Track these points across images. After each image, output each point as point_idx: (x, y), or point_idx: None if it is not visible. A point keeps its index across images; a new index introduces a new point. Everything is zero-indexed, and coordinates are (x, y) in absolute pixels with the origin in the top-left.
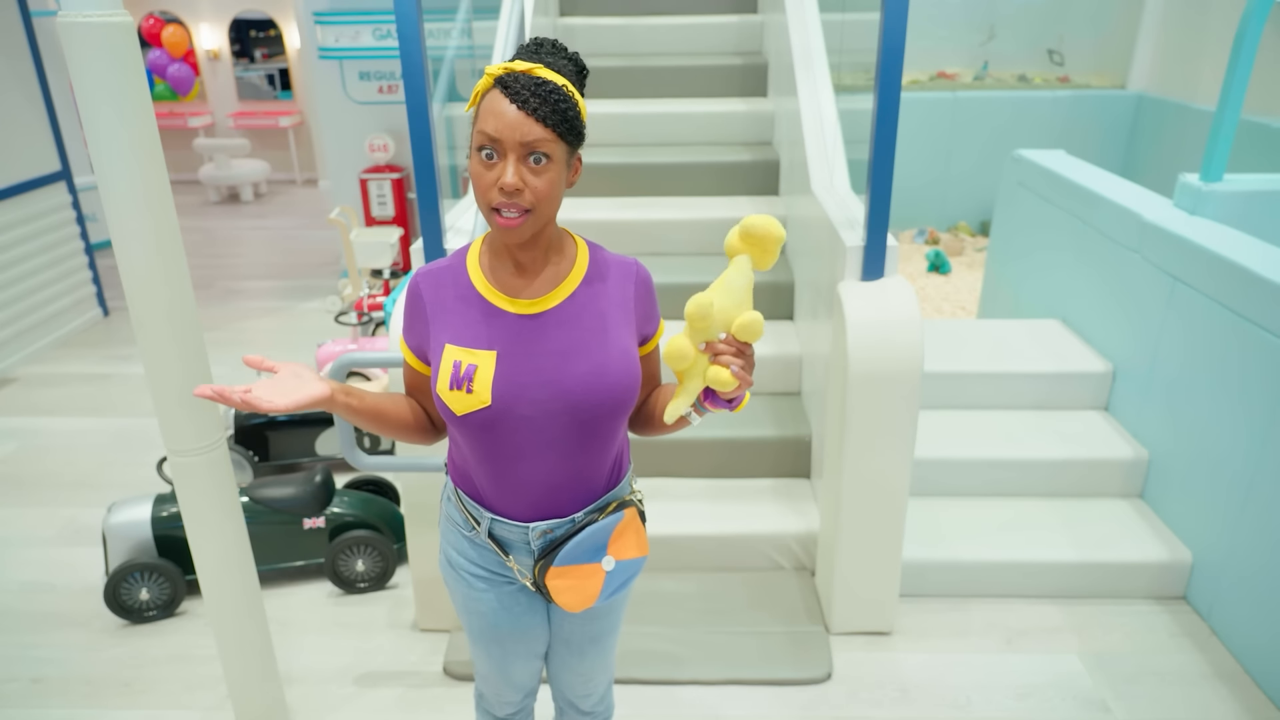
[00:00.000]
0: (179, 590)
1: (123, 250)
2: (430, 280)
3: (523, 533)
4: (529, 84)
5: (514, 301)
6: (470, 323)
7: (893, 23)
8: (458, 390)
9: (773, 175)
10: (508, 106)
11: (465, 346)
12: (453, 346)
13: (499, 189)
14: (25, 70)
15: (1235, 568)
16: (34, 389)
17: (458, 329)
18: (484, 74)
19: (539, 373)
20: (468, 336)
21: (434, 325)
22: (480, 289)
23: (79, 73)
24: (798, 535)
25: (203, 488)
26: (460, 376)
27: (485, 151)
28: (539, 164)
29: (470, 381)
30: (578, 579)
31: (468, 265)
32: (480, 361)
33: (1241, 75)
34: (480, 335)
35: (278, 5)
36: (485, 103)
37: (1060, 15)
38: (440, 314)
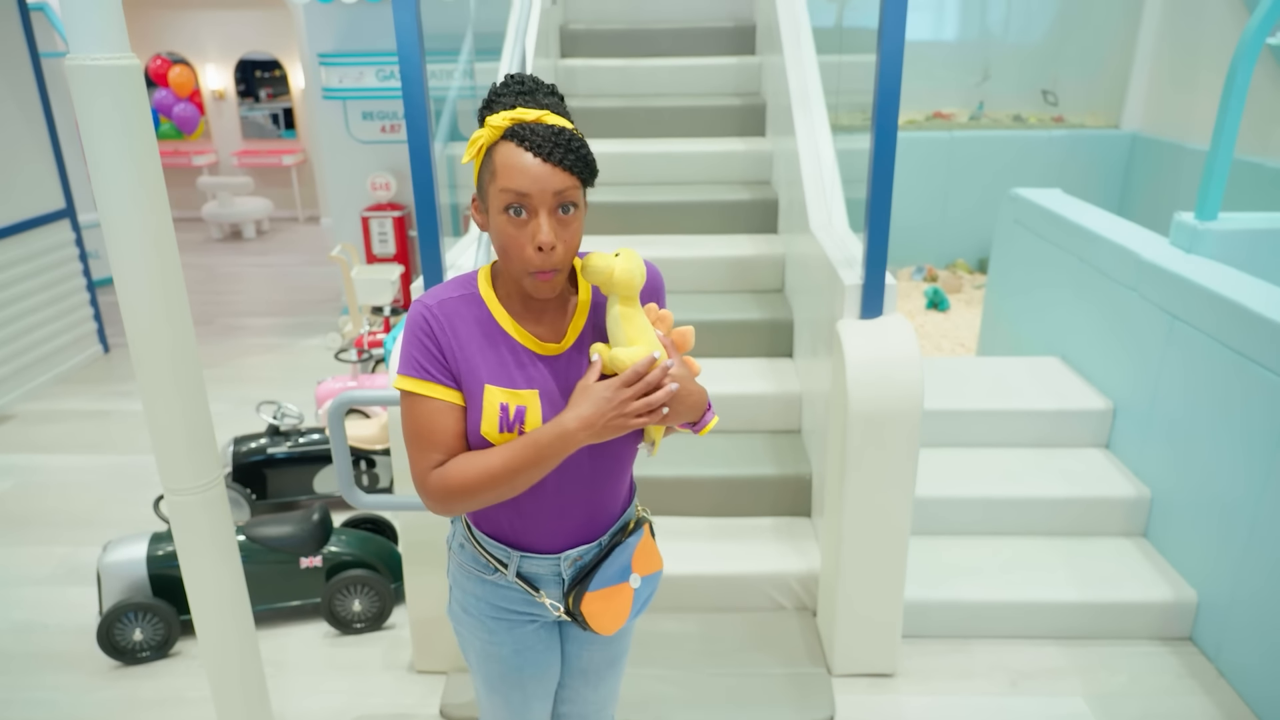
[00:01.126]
0: (173, 631)
1: (124, 289)
2: (446, 310)
3: (554, 564)
4: (547, 134)
5: (541, 344)
6: (506, 363)
7: (889, 64)
8: (509, 433)
9: (771, 214)
10: (531, 160)
11: (509, 388)
12: (495, 388)
13: (537, 248)
14: (32, 109)
15: (1242, 607)
16: (33, 426)
17: (495, 369)
18: (484, 124)
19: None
20: (509, 378)
21: (462, 360)
22: (507, 329)
23: (85, 114)
24: (799, 575)
25: (199, 527)
26: (511, 420)
27: (514, 209)
28: (568, 214)
29: (522, 424)
30: (611, 600)
31: (485, 298)
32: (527, 403)
33: (1233, 115)
34: (520, 377)
35: (283, 46)
36: (501, 157)
37: (1054, 56)
38: (467, 350)
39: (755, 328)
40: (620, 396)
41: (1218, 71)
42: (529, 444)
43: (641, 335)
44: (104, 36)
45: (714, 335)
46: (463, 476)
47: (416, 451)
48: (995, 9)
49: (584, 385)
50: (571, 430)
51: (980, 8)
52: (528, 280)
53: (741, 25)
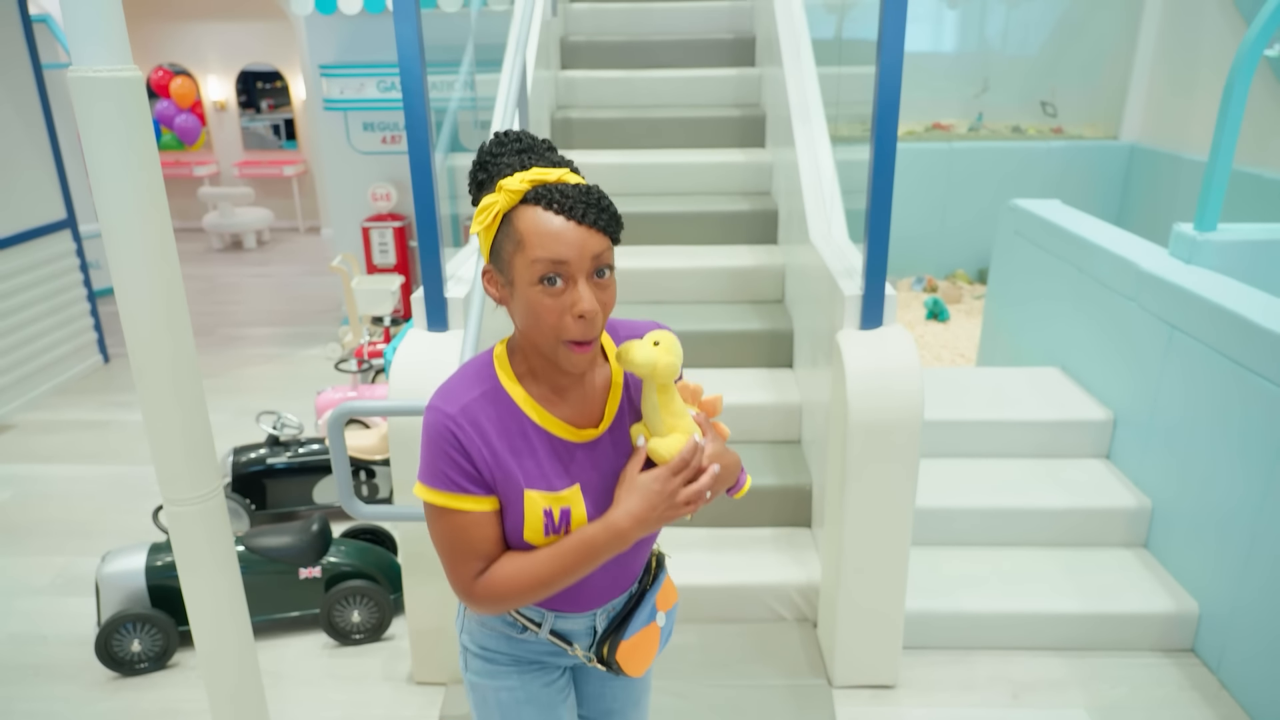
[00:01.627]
0: (171, 642)
1: (125, 299)
2: (471, 417)
3: (589, 620)
4: (577, 194)
5: (578, 431)
6: (543, 461)
7: (888, 76)
8: (555, 535)
9: (771, 224)
10: (564, 224)
11: (551, 491)
12: (536, 494)
13: (579, 317)
14: (34, 119)
15: (1244, 619)
16: (32, 436)
17: (532, 472)
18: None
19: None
20: (549, 480)
21: (496, 468)
22: (539, 420)
23: (87, 125)
24: (799, 586)
25: (198, 537)
26: (557, 524)
27: (549, 279)
28: (604, 277)
29: (568, 525)
30: (642, 643)
31: (509, 391)
32: (571, 502)
33: (1232, 126)
34: (560, 473)
35: (284, 58)
36: (527, 224)
37: (1052, 67)
38: (501, 456)
39: (755, 338)
40: (670, 488)
41: (1216, 83)
42: (581, 545)
43: (681, 420)
44: (106, 48)
45: (714, 346)
46: (512, 582)
47: (456, 563)
48: (994, 21)
49: (630, 478)
50: (625, 529)
51: (979, 20)
52: (563, 354)
53: (741, 37)
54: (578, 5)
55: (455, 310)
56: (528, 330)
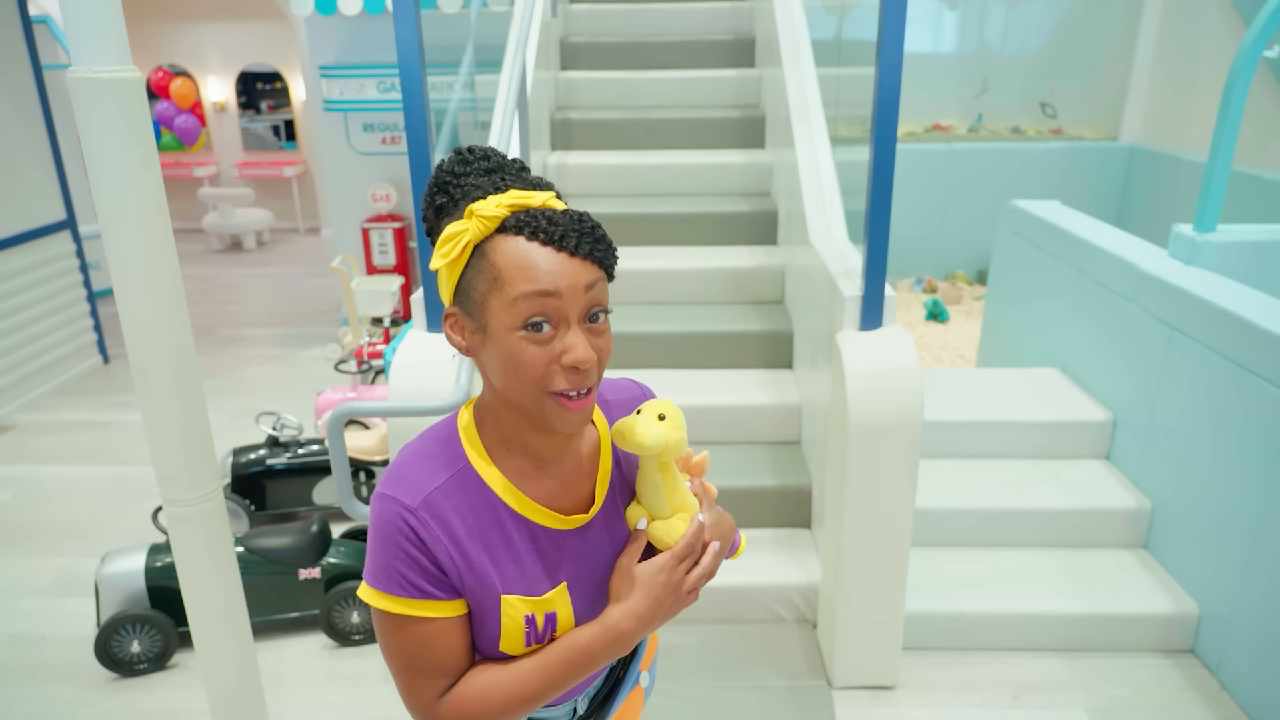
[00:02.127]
0: (171, 642)
1: (125, 300)
2: (435, 510)
3: (569, 706)
4: (567, 222)
5: (564, 518)
6: (523, 559)
7: (887, 76)
8: (539, 645)
9: (771, 225)
10: (554, 256)
11: (533, 596)
12: (516, 599)
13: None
14: (34, 120)
15: (1243, 620)
16: (32, 436)
17: (511, 573)
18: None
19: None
20: (530, 583)
21: (465, 569)
22: (518, 508)
23: (87, 126)
24: (799, 586)
25: (198, 539)
26: (540, 633)
27: (535, 324)
28: (598, 322)
29: (554, 631)
30: (626, 712)
31: (481, 473)
32: (557, 605)
33: (1231, 127)
34: (544, 575)
35: (284, 59)
36: (505, 256)
37: (1052, 68)
38: (472, 555)
39: (755, 339)
40: (675, 578)
41: (1215, 84)
42: (572, 654)
43: (683, 498)
44: (106, 49)
45: (714, 347)
46: (487, 701)
47: (415, 681)
48: (993, 22)
49: (628, 570)
50: (627, 631)
51: (978, 21)
52: (551, 410)
53: (741, 38)
54: (577, 6)
55: None
56: (506, 387)
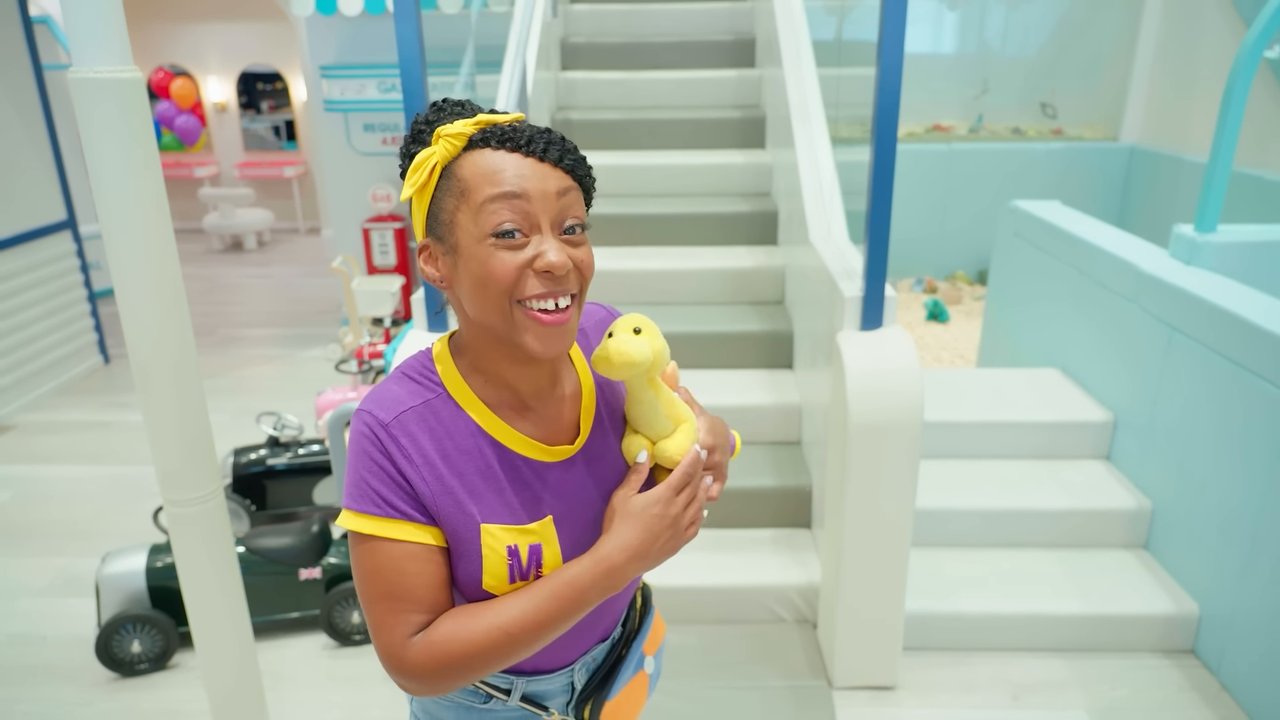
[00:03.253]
0: (171, 642)
1: (125, 300)
2: (404, 431)
3: (565, 676)
4: (534, 130)
5: (549, 450)
6: (505, 490)
7: (888, 77)
8: (523, 581)
9: (771, 226)
10: (520, 160)
11: (516, 525)
12: (497, 528)
13: (544, 272)
14: (34, 120)
15: (1244, 620)
16: (32, 436)
17: (490, 501)
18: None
19: (599, 520)
20: (513, 511)
21: (440, 494)
22: (498, 435)
23: (87, 126)
24: (799, 587)
25: (199, 539)
26: (526, 567)
27: (505, 232)
28: (574, 234)
29: (539, 567)
30: (630, 697)
31: (458, 399)
32: (542, 537)
33: (1232, 128)
34: (528, 503)
35: (285, 59)
36: (473, 167)
37: (1052, 69)
38: (445, 478)
39: (755, 339)
40: (674, 510)
41: (1216, 84)
42: (560, 590)
43: (680, 410)
44: (106, 49)
45: (714, 347)
46: (464, 643)
47: (384, 614)
48: (993, 23)
49: (624, 500)
50: (619, 564)
51: (978, 21)
52: (526, 328)
53: (741, 38)
54: (578, 7)
55: None
56: (479, 309)
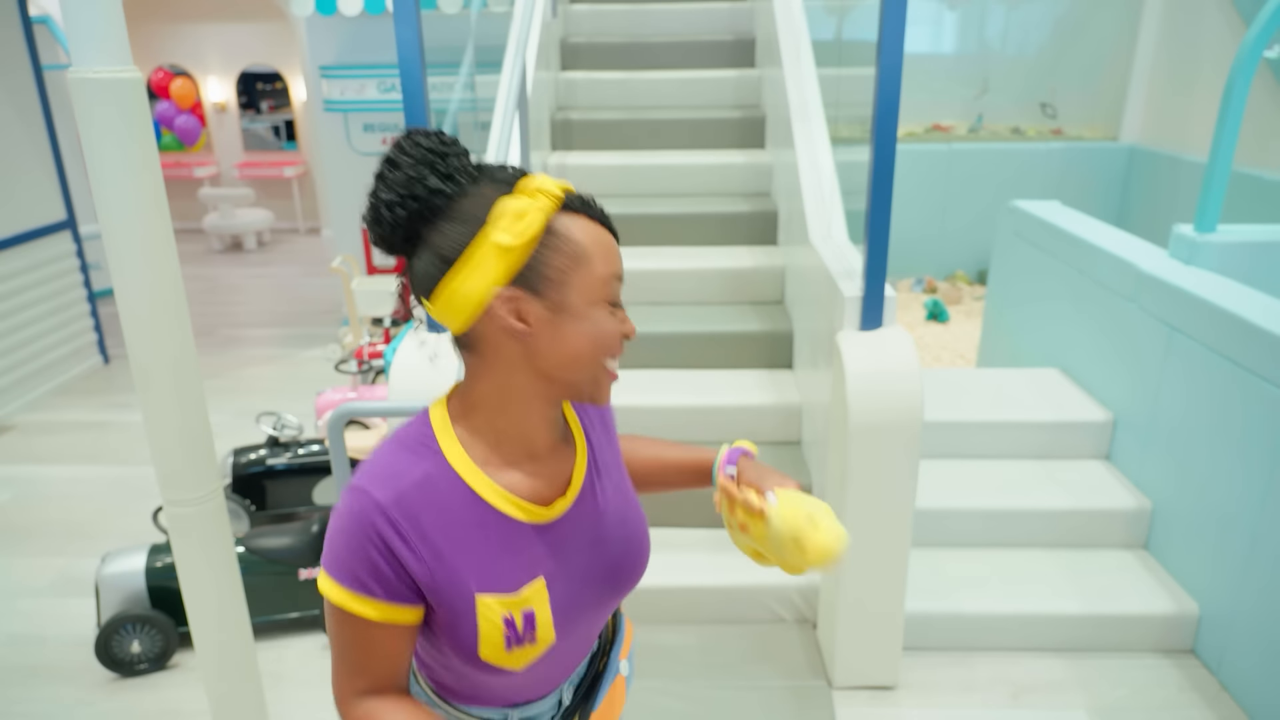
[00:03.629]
0: (171, 642)
1: (125, 300)
2: (407, 509)
3: (554, 696)
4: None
5: (538, 510)
6: (497, 555)
7: (888, 77)
8: (519, 647)
9: (771, 225)
10: (607, 236)
11: (510, 593)
12: (492, 599)
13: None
14: (34, 121)
15: (1244, 620)
16: (32, 436)
17: (485, 570)
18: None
19: (591, 575)
20: (506, 577)
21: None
22: (493, 500)
23: (87, 126)
24: (799, 587)
25: (198, 539)
26: (521, 635)
27: (617, 301)
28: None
29: (534, 631)
30: (610, 703)
31: (455, 467)
32: (534, 602)
33: (1231, 128)
34: (520, 567)
35: (285, 59)
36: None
37: (1051, 69)
38: (442, 554)
39: (755, 339)
40: None
41: (1215, 84)
42: None
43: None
44: (106, 49)
45: (714, 347)
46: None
47: (342, 669)
48: (993, 23)
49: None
50: None
51: (978, 21)
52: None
53: (741, 39)
54: (578, 7)
55: None
56: (571, 363)
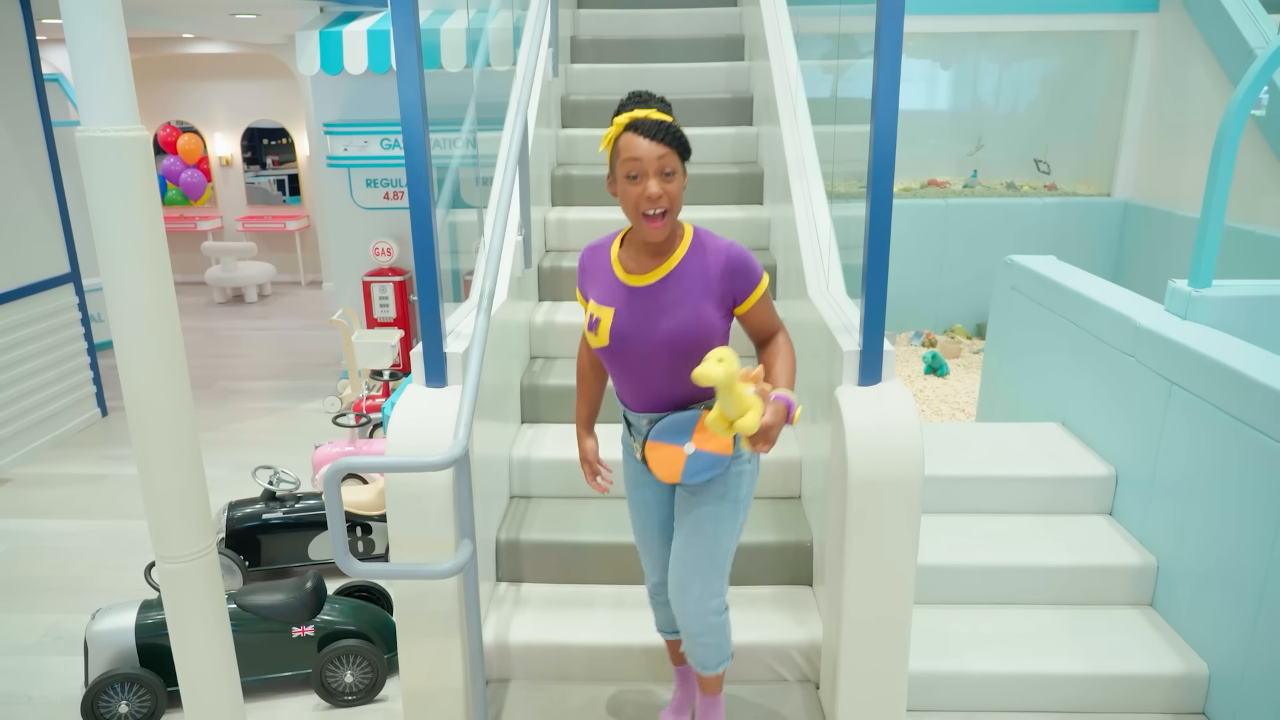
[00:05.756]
0: (160, 703)
1: (124, 357)
2: (588, 257)
3: (640, 420)
4: (652, 124)
5: (630, 277)
6: (604, 288)
7: (883, 133)
8: (591, 332)
9: (770, 280)
10: (642, 141)
11: (599, 304)
12: (593, 302)
13: (646, 199)
14: (42, 175)
15: (1254, 680)
16: (28, 489)
17: (599, 291)
18: (613, 124)
19: (637, 326)
20: (601, 297)
21: (588, 285)
22: (613, 265)
23: (93, 184)
24: (800, 645)
25: (190, 596)
26: (593, 323)
27: (632, 175)
28: (669, 176)
29: (597, 327)
30: (665, 454)
31: (611, 248)
32: (604, 316)
33: (1222, 185)
34: (608, 297)
35: (290, 115)
36: (623, 142)
37: (1044, 126)
38: (590, 278)
39: None
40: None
41: (1205, 141)
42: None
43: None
44: (114, 108)
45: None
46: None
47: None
48: (986, 80)
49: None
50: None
51: (971, 79)
52: (641, 224)
53: (739, 97)
54: (578, 66)
55: (454, 366)
56: (624, 209)
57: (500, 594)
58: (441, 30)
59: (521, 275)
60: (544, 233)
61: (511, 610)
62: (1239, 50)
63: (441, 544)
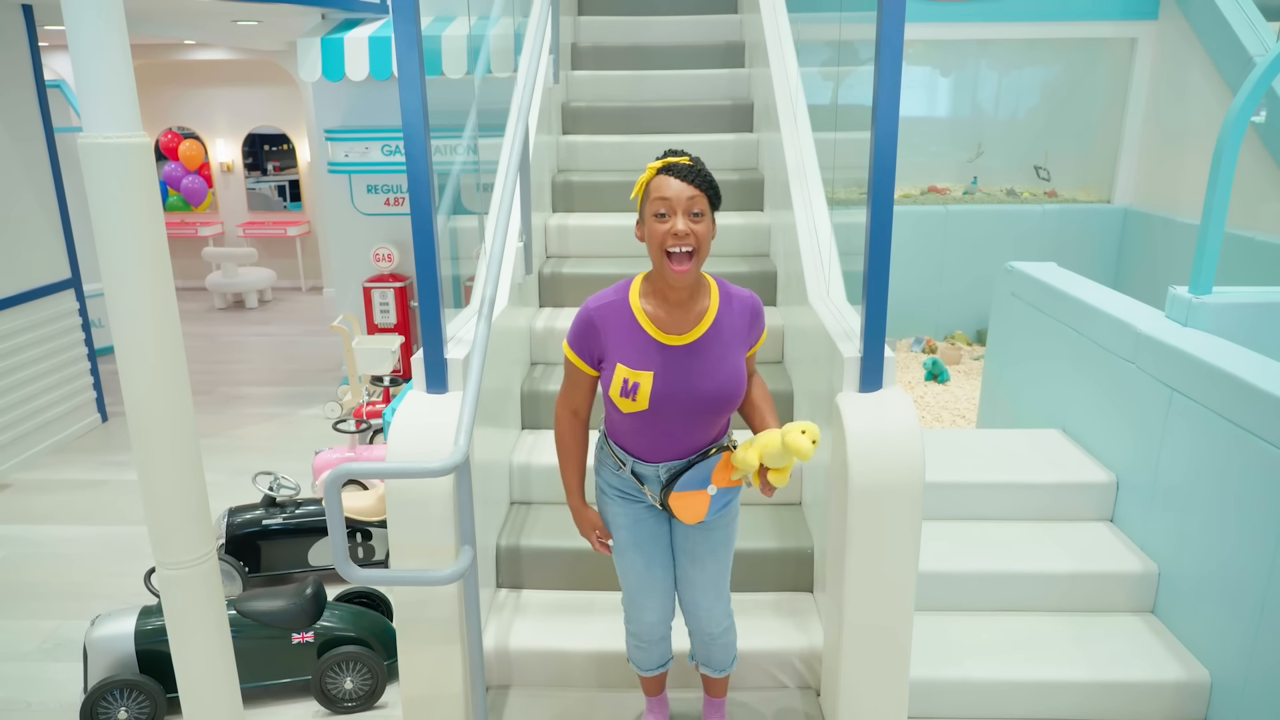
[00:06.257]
0: (159, 709)
1: (125, 362)
2: (602, 313)
3: (655, 470)
4: (684, 168)
5: (667, 336)
6: (635, 350)
7: (884, 140)
8: (626, 398)
9: (770, 287)
10: (673, 181)
11: (632, 368)
12: (623, 366)
13: (673, 235)
14: (44, 181)
15: (1257, 687)
16: (28, 495)
17: (628, 354)
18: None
19: (680, 387)
20: (634, 361)
21: (607, 346)
22: (643, 324)
23: (95, 190)
24: (801, 652)
25: (190, 602)
26: (629, 389)
27: (660, 214)
28: (698, 218)
29: (635, 393)
30: (690, 500)
31: (631, 303)
32: (642, 380)
33: (1222, 192)
34: (643, 360)
35: (291, 122)
36: (654, 184)
37: (1044, 133)
38: (611, 338)
39: None
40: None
41: (1204, 148)
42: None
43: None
44: (116, 115)
45: None
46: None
47: (561, 392)
48: (986, 88)
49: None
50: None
51: (971, 86)
52: (665, 267)
53: (739, 103)
54: (579, 73)
55: (455, 372)
56: (649, 250)
57: (500, 600)
58: (443, 37)
59: (522, 281)
60: (545, 239)
61: (512, 616)
62: (1238, 57)
63: (442, 550)
